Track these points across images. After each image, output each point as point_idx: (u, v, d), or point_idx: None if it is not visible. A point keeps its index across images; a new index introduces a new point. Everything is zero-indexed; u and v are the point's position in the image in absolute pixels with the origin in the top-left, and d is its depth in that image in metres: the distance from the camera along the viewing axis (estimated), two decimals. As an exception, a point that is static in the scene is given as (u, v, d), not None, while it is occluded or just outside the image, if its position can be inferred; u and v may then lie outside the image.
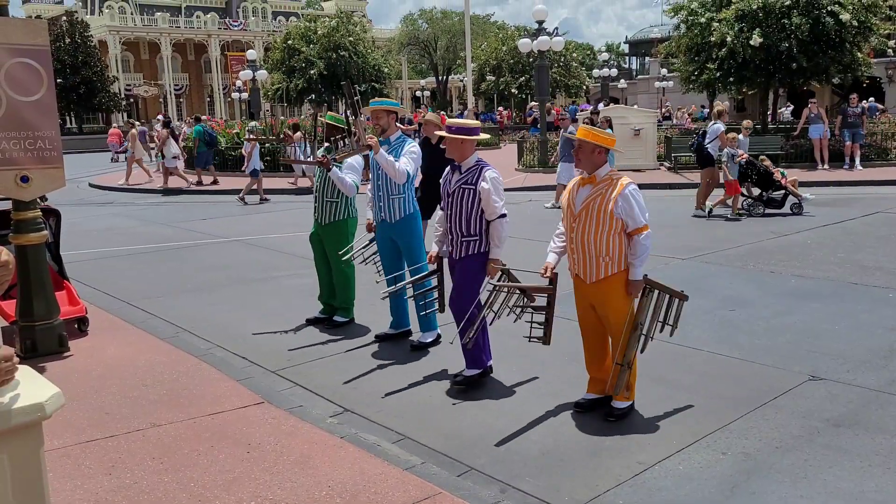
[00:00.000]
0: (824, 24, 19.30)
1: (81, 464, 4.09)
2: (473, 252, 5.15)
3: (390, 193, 6.00)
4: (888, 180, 16.38)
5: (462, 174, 5.12)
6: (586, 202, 4.47)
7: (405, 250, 6.13)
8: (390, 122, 6.03)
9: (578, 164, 4.60)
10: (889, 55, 25.35)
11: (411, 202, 6.08)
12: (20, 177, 5.77)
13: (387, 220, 6.07)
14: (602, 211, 4.40)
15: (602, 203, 4.41)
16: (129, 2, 66.92)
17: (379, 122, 6.05)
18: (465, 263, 5.18)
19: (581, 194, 4.53)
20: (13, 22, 5.90)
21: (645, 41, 65.37)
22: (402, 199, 6.01)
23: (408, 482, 3.81)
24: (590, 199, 4.46)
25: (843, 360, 5.51)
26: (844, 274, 8.17)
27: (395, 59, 60.92)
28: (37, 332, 5.98)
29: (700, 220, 12.29)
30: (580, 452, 4.22)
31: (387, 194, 6.02)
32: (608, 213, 4.38)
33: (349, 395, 5.17)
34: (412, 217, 6.09)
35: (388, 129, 6.03)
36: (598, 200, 4.43)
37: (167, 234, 12.53)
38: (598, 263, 4.46)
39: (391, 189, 5.99)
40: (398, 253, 6.18)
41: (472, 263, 5.16)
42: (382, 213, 6.09)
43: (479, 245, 5.14)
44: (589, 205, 4.45)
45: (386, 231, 6.14)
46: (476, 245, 5.14)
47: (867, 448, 4.14)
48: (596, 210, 4.41)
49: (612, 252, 4.43)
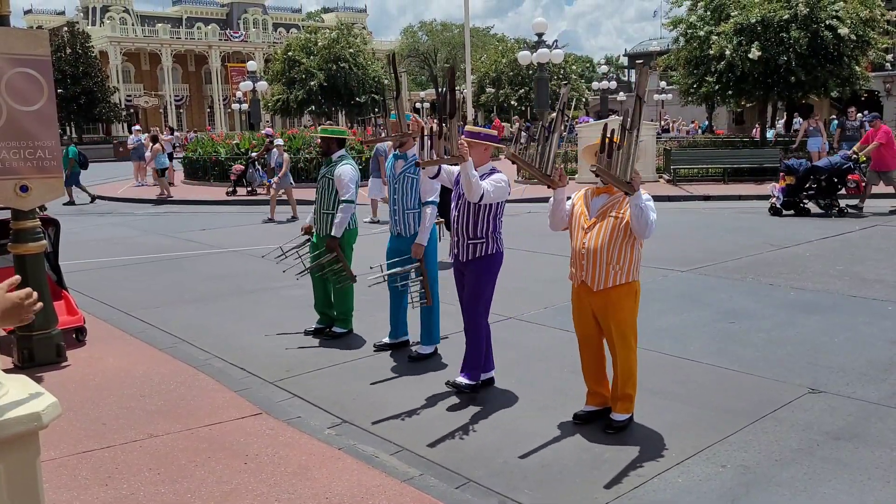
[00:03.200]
0: (823, 37, 19.41)
1: (78, 474, 4.07)
2: (480, 255, 5.18)
3: (406, 207, 5.98)
4: (887, 193, 16.38)
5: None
6: (602, 210, 4.49)
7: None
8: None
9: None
10: (887, 69, 25.47)
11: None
12: (19, 186, 5.77)
13: (403, 235, 6.05)
14: (619, 218, 4.42)
15: (619, 210, 4.43)
16: (131, 13, 67.26)
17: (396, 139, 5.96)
18: (476, 268, 5.18)
19: (596, 203, 4.55)
20: (14, 32, 5.92)
21: (644, 54, 65.54)
22: (417, 213, 5.98)
23: (406, 494, 3.79)
24: (606, 206, 4.48)
25: (843, 373, 5.50)
26: (844, 286, 8.17)
27: (396, 70, 61.04)
28: (34, 341, 5.96)
29: (700, 231, 12.30)
30: (579, 465, 4.20)
31: (402, 208, 6.00)
32: (624, 220, 4.40)
33: (348, 407, 5.16)
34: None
35: (406, 143, 5.99)
36: (615, 208, 4.45)
37: (166, 245, 12.52)
38: (608, 271, 4.46)
39: (407, 203, 5.96)
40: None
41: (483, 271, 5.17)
42: (398, 226, 6.06)
43: (486, 248, 5.17)
44: (605, 212, 4.47)
45: (398, 244, 6.11)
46: (482, 247, 5.17)
47: (867, 461, 4.13)
48: (613, 217, 4.43)
49: (622, 261, 4.44)
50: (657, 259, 9.36)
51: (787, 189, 13.91)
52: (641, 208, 4.23)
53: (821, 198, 13.82)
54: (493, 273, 5.25)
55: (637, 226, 4.30)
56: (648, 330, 6.25)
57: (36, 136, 5.83)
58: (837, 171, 13.64)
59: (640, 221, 4.27)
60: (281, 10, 78.24)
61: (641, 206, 4.23)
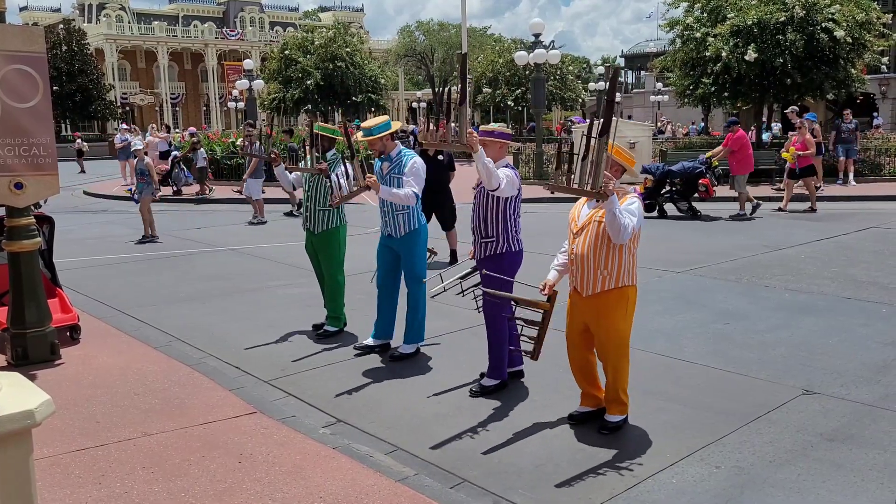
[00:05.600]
0: (819, 40, 19.45)
1: (71, 472, 4.06)
2: (491, 253, 5.21)
3: (395, 209, 5.98)
4: (882, 195, 16.46)
5: None
6: (590, 215, 4.49)
7: (409, 265, 6.07)
8: (385, 142, 6.00)
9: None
10: (883, 71, 25.56)
11: (417, 217, 6.04)
12: (14, 183, 5.75)
13: (393, 236, 6.05)
14: (603, 224, 4.40)
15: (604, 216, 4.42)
16: (127, 10, 67.10)
17: (374, 147, 6.04)
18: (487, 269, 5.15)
19: (586, 208, 4.56)
20: (10, 29, 5.90)
21: (640, 55, 65.67)
22: (407, 214, 5.99)
23: (400, 494, 3.79)
24: (593, 211, 4.48)
25: (837, 375, 5.51)
26: (838, 288, 8.19)
27: (392, 70, 61.05)
28: (28, 339, 5.94)
29: (697, 234, 12.33)
30: (574, 465, 4.20)
31: (392, 209, 5.99)
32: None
33: (342, 406, 5.15)
34: (416, 232, 6.05)
35: (386, 148, 6.02)
36: (600, 213, 4.44)
37: (161, 243, 12.49)
38: (596, 277, 4.45)
39: (395, 204, 5.97)
40: (397, 265, 6.15)
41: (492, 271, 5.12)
42: (388, 227, 6.07)
43: (496, 246, 5.19)
44: (593, 217, 4.47)
45: (389, 244, 6.12)
46: (493, 246, 5.19)
47: (861, 463, 4.14)
48: (598, 223, 4.43)
49: (610, 266, 4.42)
50: (652, 260, 9.37)
51: (646, 192, 14.39)
52: (614, 214, 4.17)
53: (677, 200, 14.39)
54: (505, 272, 5.15)
55: (610, 231, 4.27)
56: (643, 331, 6.25)
57: (31, 133, 5.81)
58: (689, 175, 14.10)
59: (612, 227, 4.23)
60: (277, 8, 78.18)
61: (615, 211, 4.16)
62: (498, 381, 5.31)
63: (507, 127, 5.92)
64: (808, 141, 14.70)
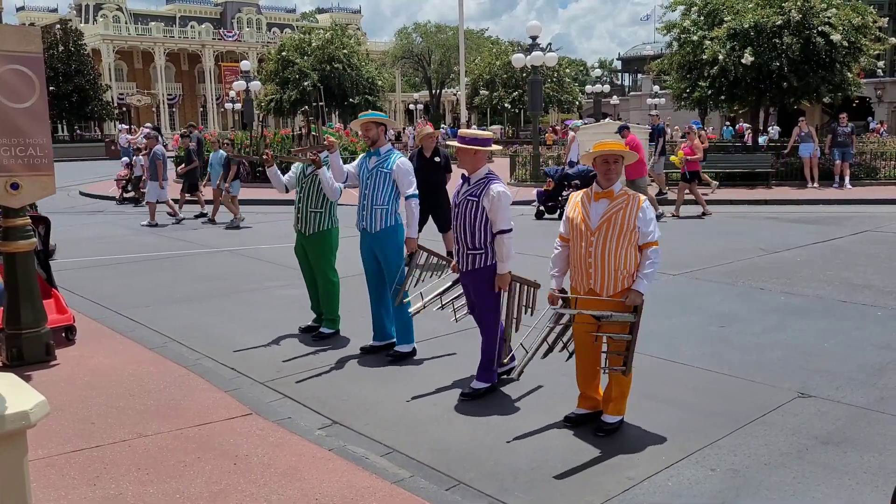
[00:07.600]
0: (815, 44, 19.52)
1: (66, 474, 4.05)
2: (480, 266, 5.10)
3: (374, 203, 5.98)
4: (877, 199, 16.51)
5: (470, 186, 5.12)
6: (607, 216, 4.47)
7: (383, 262, 6.08)
8: (380, 133, 6.04)
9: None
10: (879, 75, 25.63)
11: (394, 214, 6.04)
12: (10, 184, 5.74)
13: (367, 230, 6.07)
14: (624, 224, 4.43)
15: (624, 217, 4.44)
16: (124, 11, 67.03)
17: (368, 133, 6.06)
18: (474, 280, 5.15)
19: (597, 209, 4.52)
20: (6, 29, 5.89)
21: (637, 58, 65.79)
22: (385, 210, 5.98)
23: (396, 496, 3.79)
24: (610, 213, 4.47)
25: (833, 378, 5.52)
26: (834, 291, 8.20)
27: (390, 72, 61.08)
28: (23, 340, 5.93)
29: (692, 235, 12.34)
30: (570, 467, 4.20)
31: (371, 203, 6.00)
32: (630, 227, 4.42)
33: (338, 408, 5.14)
34: (392, 230, 6.03)
35: (378, 140, 6.05)
36: (619, 214, 4.45)
37: (157, 244, 12.48)
38: (617, 277, 4.47)
39: (375, 199, 5.97)
40: (379, 266, 6.15)
41: (481, 282, 5.12)
42: (364, 221, 6.07)
43: (485, 258, 5.08)
44: (610, 218, 4.46)
45: (367, 241, 6.13)
46: (482, 258, 5.09)
47: (856, 465, 4.15)
48: (618, 224, 4.43)
49: (629, 266, 4.47)
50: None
51: (546, 194, 14.84)
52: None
53: None
54: (492, 285, 5.12)
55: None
56: (640, 333, 6.24)
57: (27, 134, 5.80)
58: (585, 177, 14.22)
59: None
60: (275, 10, 78.17)
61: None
62: (488, 384, 5.27)
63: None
64: (697, 146, 15.13)
